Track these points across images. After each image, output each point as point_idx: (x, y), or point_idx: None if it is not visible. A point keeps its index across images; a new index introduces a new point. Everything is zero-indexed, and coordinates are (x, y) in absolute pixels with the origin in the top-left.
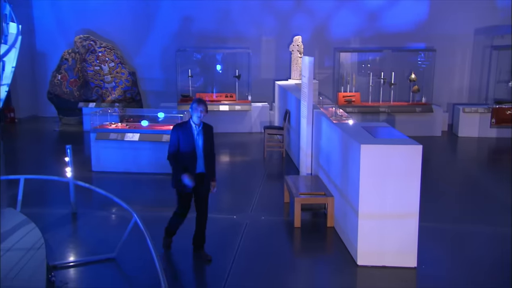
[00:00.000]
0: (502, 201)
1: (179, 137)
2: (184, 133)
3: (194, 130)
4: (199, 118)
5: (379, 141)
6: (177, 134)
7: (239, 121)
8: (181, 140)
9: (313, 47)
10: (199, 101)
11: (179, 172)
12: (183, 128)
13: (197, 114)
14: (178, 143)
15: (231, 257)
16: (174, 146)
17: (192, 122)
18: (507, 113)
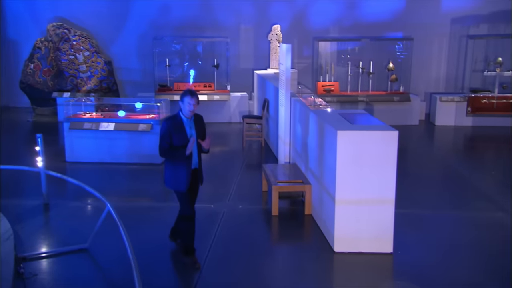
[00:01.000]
0: (477, 188)
1: (171, 133)
2: (176, 128)
3: (186, 124)
4: (191, 112)
5: (356, 127)
6: (169, 129)
7: (218, 111)
8: (173, 136)
9: (292, 36)
10: (192, 93)
11: (179, 155)
12: (174, 123)
13: (189, 108)
14: (170, 139)
15: (207, 246)
16: (166, 143)
17: (182, 116)
18: (482, 102)
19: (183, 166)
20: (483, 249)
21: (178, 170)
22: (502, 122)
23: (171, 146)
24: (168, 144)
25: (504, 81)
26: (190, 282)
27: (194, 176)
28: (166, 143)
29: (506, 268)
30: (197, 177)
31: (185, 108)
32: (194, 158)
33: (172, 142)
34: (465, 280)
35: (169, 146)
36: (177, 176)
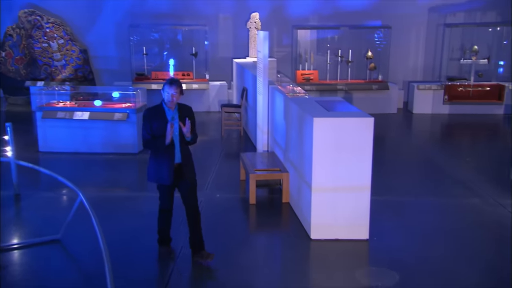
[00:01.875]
0: (453, 174)
1: (152, 124)
2: (157, 119)
3: (168, 113)
4: (171, 103)
5: (332, 114)
6: (149, 120)
7: (196, 100)
8: (154, 127)
9: (271, 25)
10: (171, 82)
11: (159, 144)
12: (155, 113)
13: (168, 98)
14: (151, 130)
15: (183, 235)
16: (147, 133)
17: (164, 105)
18: (458, 90)
19: (165, 159)
20: (458, 235)
21: (159, 162)
22: (478, 109)
23: (152, 137)
24: (149, 134)
25: (480, 69)
26: (164, 272)
27: (179, 172)
28: (147, 134)
29: (480, 253)
30: (183, 173)
31: (165, 98)
32: (177, 151)
33: (153, 133)
34: (440, 265)
35: (150, 136)
36: (159, 169)
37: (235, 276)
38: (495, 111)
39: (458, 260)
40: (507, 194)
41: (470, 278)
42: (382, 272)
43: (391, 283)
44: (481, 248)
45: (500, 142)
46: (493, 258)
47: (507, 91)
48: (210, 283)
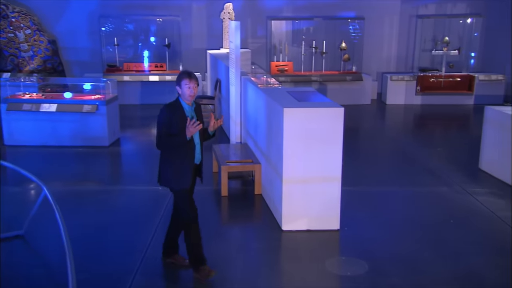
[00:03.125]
0: (424, 164)
1: (171, 121)
2: (176, 116)
3: (188, 112)
4: (192, 97)
5: (302, 104)
6: (169, 118)
7: (170, 92)
8: (173, 127)
9: (245, 15)
10: (190, 75)
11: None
12: (175, 111)
13: (189, 92)
14: (170, 129)
15: (152, 229)
16: (166, 132)
17: (183, 102)
18: (430, 81)
19: (186, 159)
20: (426, 223)
21: (179, 164)
22: (449, 100)
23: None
24: (168, 134)
25: (451, 60)
26: (131, 267)
27: (195, 173)
28: (165, 132)
29: (448, 241)
30: (199, 174)
31: (185, 93)
32: (197, 151)
33: (172, 131)
34: (410, 254)
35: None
36: (179, 170)
37: None
38: (466, 102)
39: (426, 248)
40: (475, 182)
41: (437, 266)
42: (352, 262)
43: (361, 272)
44: (448, 236)
45: (469, 132)
46: (459, 245)
47: (477, 82)
48: (179, 276)
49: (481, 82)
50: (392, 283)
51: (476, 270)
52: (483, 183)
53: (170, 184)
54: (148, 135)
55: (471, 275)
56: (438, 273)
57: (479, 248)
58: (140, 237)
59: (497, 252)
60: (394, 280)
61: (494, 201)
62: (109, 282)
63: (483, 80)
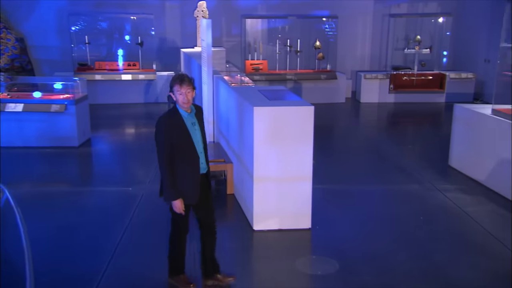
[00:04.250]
0: (396, 162)
1: (172, 134)
2: (176, 128)
3: (187, 120)
4: (186, 103)
5: (272, 103)
6: (170, 131)
7: (143, 91)
8: (174, 139)
9: (219, 14)
10: (181, 79)
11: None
12: (174, 121)
13: (182, 98)
14: (171, 144)
15: (121, 230)
16: (166, 150)
17: (180, 110)
18: (403, 79)
19: (190, 173)
20: (398, 221)
21: (183, 178)
22: (421, 98)
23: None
24: (169, 152)
25: (423, 59)
26: (98, 269)
27: (203, 184)
28: (165, 152)
29: (418, 239)
30: (207, 183)
31: (178, 100)
32: (201, 160)
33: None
34: (381, 252)
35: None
36: (183, 186)
37: None
38: (437, 100)
39: (397, 246)
40: (445, 179)
41: (407, 264)
42: (322, 261)
43: (331, 271)
44: (418, 234)
45: (440, 129)
46: (428, 243)
47: (448, 80)
48: (147, 278)
49: (452, 80)
50: (363, 282)
51: (445, 268)
52: (452, 180)
53: (174, 199)
54: (120, 135)
55: (439, 272)
56: (408, 271)
57: (447, 245)
58: (109, 239)
59: (464, 248)
60: (365, 278)
61: (462, 197)
62: (75, 284)
63: (454, 78)
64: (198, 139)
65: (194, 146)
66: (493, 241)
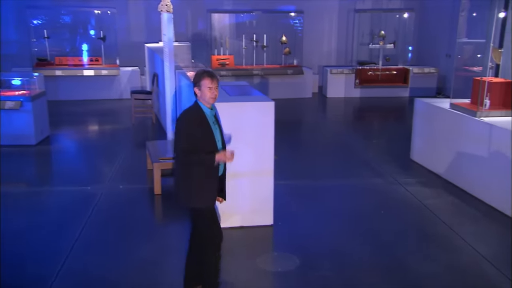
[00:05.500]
0: (360, 156)
1: (195, 132)
2: (199, 125)
3: (209, 117)
4: (214, 100)
5: (233, 99)
6: (193, 127)
7: (106, 87)
8: (197, 136)
9: (185, 8)
10: (211, 75)
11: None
12: (196, 117)
13: (210, 94)
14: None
15: (77, 230)
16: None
17: (203, 106)
18: (368, 74)
19: (210, 171)
20: (361, 216)
21: (203, 177)
22: (386, 92)
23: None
24: (195, 147)
25: (388, 54)
26: (52, 271)
27: (220, 185)
28: (190, 146)
29: (380, 232)
30: (222, 187)
31: (206, 95)
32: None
33: (196, 143)
34: (342, 247)
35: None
36: (203, 185)
37: (137, 271)
38: (401, 94)
39: (358, 240)
40: (406, 173)
41: (368, 258)
42: (283, 257)
43: (292, 268)
44: (379, 228)
45: (404, 123)
46: (389, 236)
47: (412, 74)
48: (102, 279)
49: (416, 75)
50: (323, 278)
51: (405, 261)
52: (413, 174)
53: (190, 201)
54: (81, 132)
55: (399, 266)
56: (369, 266)
57: (408, 238)
58: (64, 240)
59: (424, 241)
60: (325, 274)
61: (422, 190)
62: (28, 286)
63: (417, 73)
64: (219, 138)
65: (215, 144)
66: (451, 234)
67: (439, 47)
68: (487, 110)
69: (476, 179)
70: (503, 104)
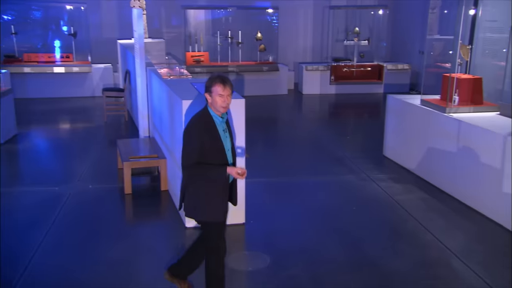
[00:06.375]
0: (334, 153)
1: (203, 140)
2: (208, 132)
3: (219, 125)
4: (225, 108)
5: (201, 96)
6: (200, 134)
7: (78, 85)
8: (206, 144)
9: (159, 4)
10: (224, 81)
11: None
12: (207, 125)
13: (222, 103)
14: (202, 150)
15: (43, 231)
16: (195, 154)
17: (212, 113)
18: (343, 71)
19: (220, 189)
20: (333, 212)
21: (212, 190)
22: (361, 89)
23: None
24: (198, 154)
25: (362, 50)
26: (15, 273)
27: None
28: (196, 155)
29: (351, 229)
30: (232, 195)
31: (217, 103)
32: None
33: (203, 152)
34: (313, 245)
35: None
36: (211, 199)
37: (105, 271)
38: (376, 90)
39: (329, 237)
40: (379, 169)
41: (339, 255)
42: (254, 256)
43: (262, 266)
44: (351, 224)
45: (378, 119)
46: (360, 232)
47: (386, 71)
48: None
49: (389, 72)
50: (293, 276)
51: (374, 257)
52: (385, 170)
53: (198, 214)
54: (51, 131)
55: (369, 262)
56: (339, 262)
57: (378, 234)
58: (28, 242)
59: (393, 237)
60: (295, 272)
61: (394, 186)
62: None
63: (391, 69)
64: (229, 147)
65: (225, 154)
66: (420, 229)
67: (412, 43)
68: (456, 106)
69: (446, 174)
70: (472, 100)
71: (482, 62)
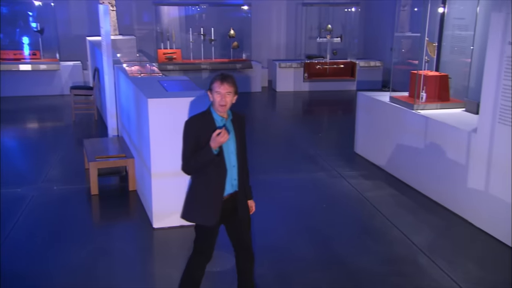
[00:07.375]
0: (306, 150)
1: (198, 138)
2: (205, 130)
3: (219, 124)
4: (223, 107)
5: (168, 94)
6: (194, 132)
7: (46, 83)
8: (201, 143)
9: (130, 1)
10: (223, 78)
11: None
12: (202, 122)
13: (219, 100)
14: (196, 148)
15: (1, 237)
16: (190, 154)
17: (213, 113)
18: (316, 68)
19: (212, 188)
20: (303, 210)
21: (202, 192)
22: (334, 86)
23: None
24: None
25: (335, 47)
26: None
27: (232, 206)
28: (190, 153)
29: (321, 227)
30: (239, 205)
31: (215, 100)
32: (230, 177)
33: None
34: (283, 243)
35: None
36: (202, 205)
37: (68, 275)
38: (349, 87)
39: (299, 235)
40: (349, 166)
41: (307, 253)
42: (222, 256)
43: (228, 267)
44: (320, 222)
45: (350, 117)
46: (329, 230)
47: (358, 68)
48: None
49: (362, 69)
50: (259, 275)
51: (341, 254)
52: (356, 166)
53: (186, 216)
54: (16, 130)
55: (339, 260)
56: (308, 261)
57: (346, 231)
58: None
59: (362, 234)
60: (261, 271)
61: (364, 183)
62: None
63: (364, 66)
64: (231, 150)
65: (223, 157)
66: (388, 226)
67: (384, 41)
68: (423, 103)
69: (414, 171)
70: (439, 97)
71: (450, 59)
